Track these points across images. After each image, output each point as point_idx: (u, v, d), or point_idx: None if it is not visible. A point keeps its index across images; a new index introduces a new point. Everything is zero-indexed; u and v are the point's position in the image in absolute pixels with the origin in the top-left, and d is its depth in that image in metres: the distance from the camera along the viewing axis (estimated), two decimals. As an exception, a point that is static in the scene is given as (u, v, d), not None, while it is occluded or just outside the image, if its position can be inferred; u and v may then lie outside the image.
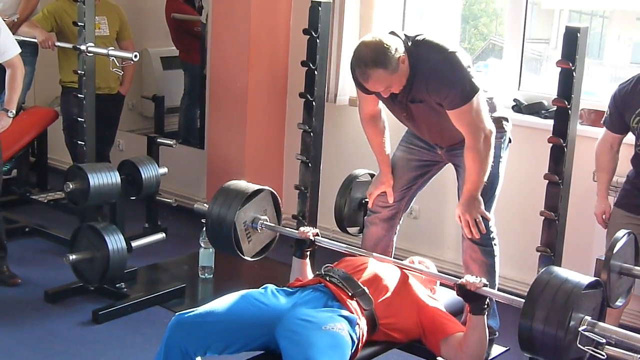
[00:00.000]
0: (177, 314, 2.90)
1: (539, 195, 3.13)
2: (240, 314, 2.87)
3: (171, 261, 5.04)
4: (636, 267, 3.02)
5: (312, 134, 3.72)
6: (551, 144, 3.03)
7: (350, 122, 5.09)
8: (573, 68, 2.94)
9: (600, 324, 2.54)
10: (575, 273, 2.62)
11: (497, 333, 3.55)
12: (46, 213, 5.56)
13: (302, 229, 3.39)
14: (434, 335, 3.04)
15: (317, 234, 3.35)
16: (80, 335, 4.03)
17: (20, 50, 4.45)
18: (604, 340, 2.50)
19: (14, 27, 5.20)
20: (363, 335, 2.92)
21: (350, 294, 2.97)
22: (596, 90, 4.69)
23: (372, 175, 3.79)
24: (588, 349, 2.50)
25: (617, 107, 3.72)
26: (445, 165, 3.61)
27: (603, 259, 2.86)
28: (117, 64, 4.54)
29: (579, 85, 2.98)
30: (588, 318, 2.53)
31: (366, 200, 3.79)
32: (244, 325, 2.86)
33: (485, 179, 3.27)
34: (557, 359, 2.50)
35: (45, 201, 5.51)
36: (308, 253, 3.37)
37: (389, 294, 3.06)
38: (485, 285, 2.85)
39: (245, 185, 3.50)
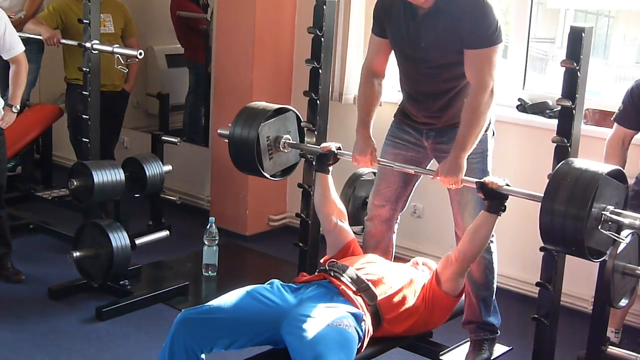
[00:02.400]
0: (183, 310, 2.90)
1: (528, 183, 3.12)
2: (246, 310, 2.87)
3: (175, 259, 5.05)
4: (640, 268, 3.01)
5: (316, 132, 3.72)
6: (555, 144, 3.03)
7: (355, 121, 5.07)
8: (577, 68, 2.93)
9: (624, 212, 2.68)
10: (597, 162, 2.77)
11: (498, 331, 3.55)
12: (50, 210, 5.56)
13: (324, 144, 3.48)
14: (434, 287, 3.14)
15: (339, 148, 3.44)
16: (83, 332, 4.04)
17: (24, 48, 4.46)
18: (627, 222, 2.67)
19: (20, 24, 5.21)
20: (368, 331, 2.93)
21: (354, 290, 2.98)
22: (601, 90, 4.69)
23: (375, 174, 3.77)
24: (610, 234, 2.66)
25: (634, 103, 3.71)
26: (430, 162, 3.56)
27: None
28: (122, 62, 4.55)
29: (584, 85, 2.98)
30: (611, 207, 2.67)
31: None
32: (250, 321, 2.86)
33: (475, 142, 3.17)
34: (578, 245, 2.64)
35: (50, 198, 5.51)
36: (330, 168, 3.44)
37: (392, 289, 3.07)
38: (507, 185, 2.98)
39: (268, 103, 3.62)
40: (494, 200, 2.98)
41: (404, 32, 3.28)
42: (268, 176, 3.60)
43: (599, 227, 2.68)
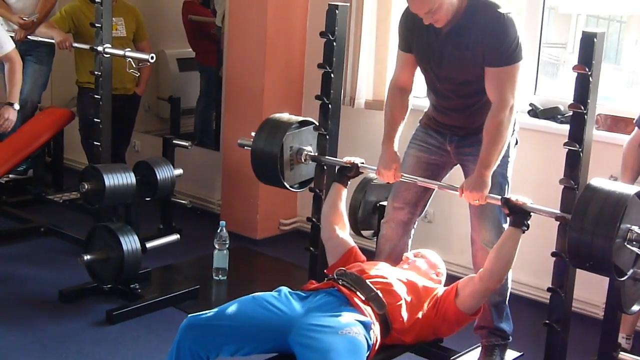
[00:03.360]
0: (189, 315, 2.90)
1: (555, 200, 3.11)
2: (253, 317, 2.86)
3: (185, 262, 5.05)
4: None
5: (327, 136, 3.72)
6: (567, 149, 3.02)
7: (366, 125, 5.09)
8: (589, 73, 2.92)
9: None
10: (622, 184, 2.86)
11: (510, 337, 3.54)
12: (61, 213, 5.58)
13: (347, 158, 3.57)
14: (450, 300, 3.11)
15: (362, 162, 3.52)
16: (93, 335, 4.04)
17: (14, 46, 4.46)
18: None
19: (32, 27, 5.23)
20: (377, 340, 2.92)
21: (363, 298, 2.97)
22: (613, 96, 4.67)
23: (387, 180, 3.78)
24: (636, 250, 2.76)
25: None
26: (454, 167, 3.59)
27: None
28: (134, 65, 4.56)
29: (595, 90, 2.97)
30: (636, 227, 2.76)
31: (380, 203, 3.78)
32: (257, 329, 2.85)
33: (499, 157, 3.22)
34: (605, 264, 2.72)
35: (61, 201, 5.53)
36: (349, 181, 3.56)
37: (401, 297, 3.06)
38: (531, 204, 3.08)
39: (291, 115, 3.74)
40: (518, 214, 3.06)
41: (427, 49, 3.34)
42: (288, 187, 3.65)
43: (625, 245, 2.75)
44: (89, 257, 4.17)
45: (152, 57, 4.40)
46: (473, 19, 3.18)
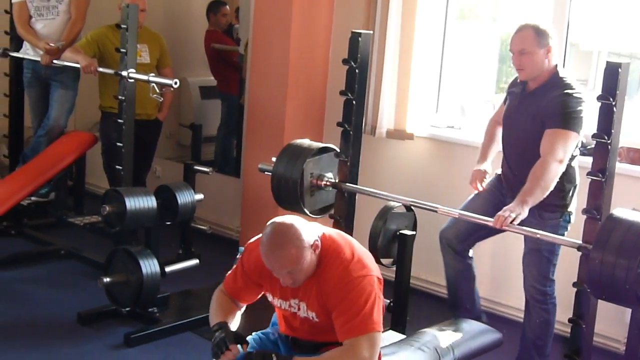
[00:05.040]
0: None
1: (577, 231, 3.10)
2: None
3: (204, 288, 5.02)
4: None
5: (348, 163, 3.73)
6: (590, 179, 3.01)
7: (387, 154, 5.10)
8: (613, 103, 2.93)
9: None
10: None
11: None
12: (82, 236, 5.60)
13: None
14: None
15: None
16: (111, 358, 4.04)
17: None
18: None
19: (57, 53, 5.29)
20: None
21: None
22: (636, 132, 4.64)
23: (407, 207, 3.78)
24: None
25: None
26: None
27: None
28: (157, 90, 4.60)
29: (619, 120, 2.97)
30: None
31: (400, 231, 3.77)
32: None
33: (541, 196, 3.46)
34: (629, 294, 2.74)
35: (82, 224, 5.55)
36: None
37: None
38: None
39: (312, 141, 3.81)
40: None
41: (513, 102, 3.83)
42: (308, 212, 3.66)
43: None
44: (108, 279, 4.18)
45: (175, 83, 4.43)
46: (552, 87, 3.65)
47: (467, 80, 5.46)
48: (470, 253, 4.08)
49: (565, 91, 3.60)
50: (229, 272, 3.09)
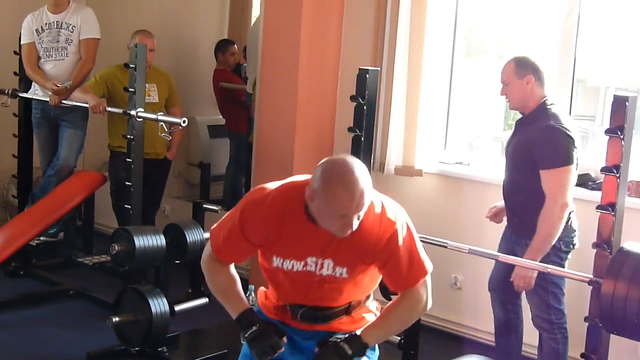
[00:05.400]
0: None
1: (588, 265, 3.08)
2: None
3: (213, 327, 5.01)
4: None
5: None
6: (599, 213, 3.00)
7: (396, 191, 5.06)
8: (621, 137, 2.92)
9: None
10: None
11: None
12: (91, 276, 5.59)
13: None
14: None
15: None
16: (121, 398, 4.02)
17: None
18: None
19: (66, 93, 5.33)
20: None
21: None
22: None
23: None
24: None
25: None
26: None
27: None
28: (166, 129, 4.62)
29: (628, 153, 2.97)
30: None
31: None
32: None
33: (546, 248, 3.64)
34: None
35: (91, 264, 5.53)
36: None
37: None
38: None
39: None
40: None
41: (511, 134, 4.03)
42: None
43: None
44: (117, 319, 4.17)
45: (184, 122, 4.45)
46: (535, 119, 3.79)
47: (476, 117, 5.47)
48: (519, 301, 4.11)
49: (549, 123, 3.72)
50: (216, 234, 2.78)
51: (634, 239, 3.78)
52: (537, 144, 3.71)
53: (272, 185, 2.73)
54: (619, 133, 2.92)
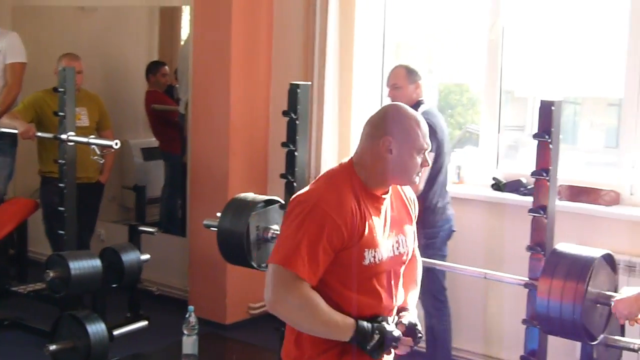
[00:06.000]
0: None
1: (523, 270, 3.12)
2: None
3: (154, 350, 4.95)
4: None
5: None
6: (532, 216, 3.05)
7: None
8: (549, 140, 2.98)
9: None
10: (587, 247, 2.89)
11: None
12: (26, 305, 5.47)
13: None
14: None
15: None
16: None
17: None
18: None
19: (-7, 119, 5.24)
20: None
21: None
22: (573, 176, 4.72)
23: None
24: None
25: None
26: None
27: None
28: (98, 152, 4.57)
29: (556, 157, 3.03)
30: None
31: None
32: None
33: None
34: (575, 328, 2.73)
35: (25, 292, 5.42)
36: None
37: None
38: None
39: (256, 195, 3.77)
40: None
41: None
42: (256, 266, 3.64)
43: (596, 307, 2.79)
44: (54, 347, 4.09)
45: (116, 144, 4.41)
46: None
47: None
48: None
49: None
50: (292, 261, 2.27)
51: (567, 241, 3.88)
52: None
53: (314, 186, 2.41)
54: (547, 137, 2.98)
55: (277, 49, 5.35)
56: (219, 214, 3.72)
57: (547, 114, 2.99)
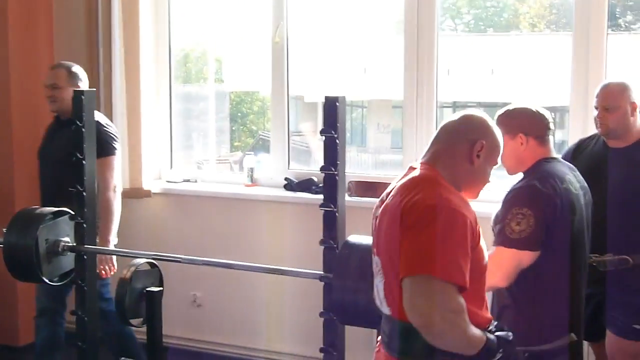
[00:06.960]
0: None
1: (318, 266, 3.17)
2: None
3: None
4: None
5: (84, 225, 3.59)
6: (323, 210, 3.11)
7: (127, 214, 4.91)
8: (336, 136, 3.06)
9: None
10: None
11: None
12: None
13: None
14: None
15: None
16: None
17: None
18: None
19: None
20: None
21: None
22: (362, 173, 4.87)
23: (151, 265, 3.67)
24: None
25: None
26: None
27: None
28: None
29: (343, 152, 3.11)
30: None
31: (147, 289, 3.66)
32: None
33: None
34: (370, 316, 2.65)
35: None
36: None
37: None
38: None
39: (44, 207, 3.64)
40: None
41: None
42: (48, 281, 3.50)
43: None
44: None
45: None
46: None
47: (202, 138, 5.51)
48: None
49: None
50: (450, 270, 2.12)
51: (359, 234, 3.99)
52: None
53: (428, 191, 2.24)
54: (334, 132, 3.05)
55: (59, 58, 5.17)
56: (4, 230, 3.55)
57: (332, 109, 3.06)
